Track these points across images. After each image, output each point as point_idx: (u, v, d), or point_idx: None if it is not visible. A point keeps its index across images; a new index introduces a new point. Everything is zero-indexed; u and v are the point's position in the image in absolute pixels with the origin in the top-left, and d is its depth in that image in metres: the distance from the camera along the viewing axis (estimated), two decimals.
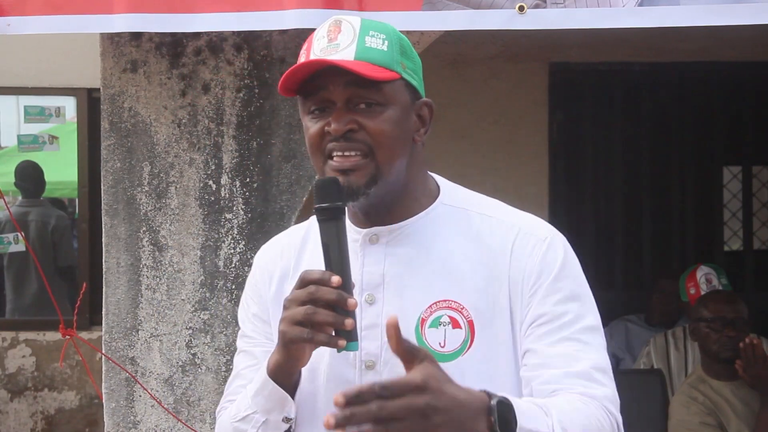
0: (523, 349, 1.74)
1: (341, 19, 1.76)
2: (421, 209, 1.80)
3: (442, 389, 1.42)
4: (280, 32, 3.36)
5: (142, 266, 3.42)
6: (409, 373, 1.44)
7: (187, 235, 3.41)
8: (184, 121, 3.41)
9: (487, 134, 6.04)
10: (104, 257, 3.44)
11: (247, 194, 3.41)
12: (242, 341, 1.91)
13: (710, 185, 6.48)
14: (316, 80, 1.72)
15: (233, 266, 3.40)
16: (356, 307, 1.62)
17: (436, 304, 1.74)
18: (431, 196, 1.83)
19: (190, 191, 3.41)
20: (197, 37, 3.38)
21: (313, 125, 1.75)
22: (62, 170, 8.00)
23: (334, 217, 1.68)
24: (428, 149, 6.32)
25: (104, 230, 3.44)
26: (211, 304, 3.40)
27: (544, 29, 3.14)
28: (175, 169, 3.42)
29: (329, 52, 1.71)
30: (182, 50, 3.41)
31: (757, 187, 6.62)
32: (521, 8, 3.10)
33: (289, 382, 1.71)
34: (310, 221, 1.90)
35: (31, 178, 7.31)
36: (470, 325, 1.74)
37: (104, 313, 3.44)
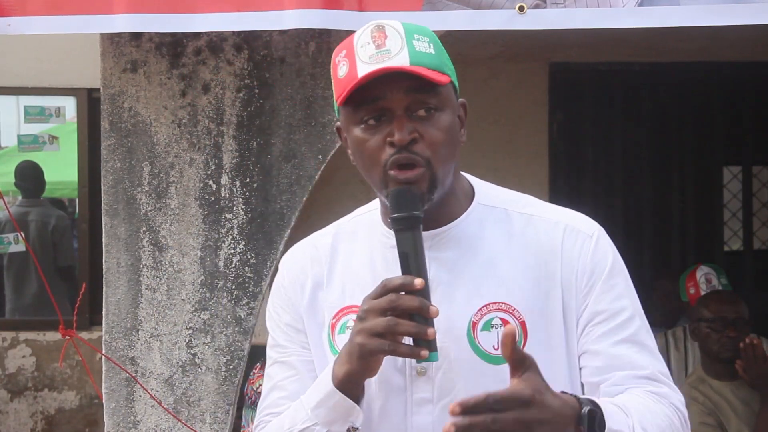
0: (581, 349, 1.75)
1: (383, 24, 1.71)
2: (461, 211, 1.79)
3: (545, 402, 1.48)
4: (280, 32, 3.36)
5: (142, 266, 3.42)
6: (516, 384, 1.48)
7: (187, 235, 3.41)
8: (184, 121, 3.41)
9: (487, 134, 6.04)
10: (104, 257, 3.44)
11: (247, 194, 3.41)
12: (275, 351, 1.86)
13: (710, 185, 6.47)
14: (371, 89, 1.67)
15: (233, 266, 3.40)
16: (437, 315, 1.60)
17: (486, 306, 1.73)
18: (468, 196, 1.81)
19: (190, 191, 3.41)
20: (197, 37, 3.38)
21: (370, 137, 1.70)
22: (62, 170, 8.00)
23: (411, 226, 1.65)
24: None
25: (104, 230, 3.44)
26: (211, 304, 3.40)
27: (544, 29, 3.14)
28: (175, 169, 3.42)
29: (381, 58, 1.66)
30: (182, 50, 3.41)
31: (757, 187, 6.62)
32: (521, 8, 3.10)
33: (357, 392, 1.68)
34: (333, 228, 1.88)
35: (31, 178, 7.31)
36: (522, 326, 1.73)
37: (104, 313, 3.44)
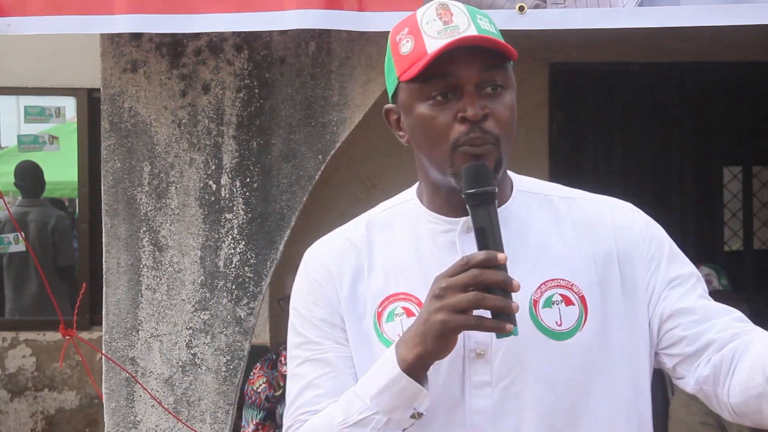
0: (665, 312, 1.75)
1: (446, 2, 1.72)
2: (507, 196, 1.79)
3: None
4: (280, 32, 3.36)
5: (142, 266, 3.42)
6: None
7: (187, 235, 3.41)
8: (184, 121, 3.41)
9: None
10: (104, 257, 3.44)
11: (247, 194, 3.41)
12: (305, 350, 1.79)
13: (710, 185, 6.47)
14: (441, 64, 1.66)
15: (233, 266, 3.40)
16: (519, 289, 1.59)
17: (545, 284, 1.72)
18: (509, 183, 1.82)
19: (190, 191, 3.41)
20: (197, 37, 3.38)
21: (438, 113, 1.69)
22: (62, 170, 8.01)
23: (487, 201, 1.64)
24: None
25: (104, 230, 3.44)
26: (211, 304, 3.40)
27: (544, 29, 3.14)
28: (175, 169, 3.42)
29: (450, 33, 1.67)
30: (182, 50, 3.41)
31: (757, 187, 6.62)
32: (521, 8, 3.10)
33: (423, 375, 1.65)
34: (363, 220, 1.85)
35: (30, 178, 7.31)
36: (582, 300, 1.73)
37: (104, 313, 3.44)
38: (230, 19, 3.16)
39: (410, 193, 1.86)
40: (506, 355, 1.69)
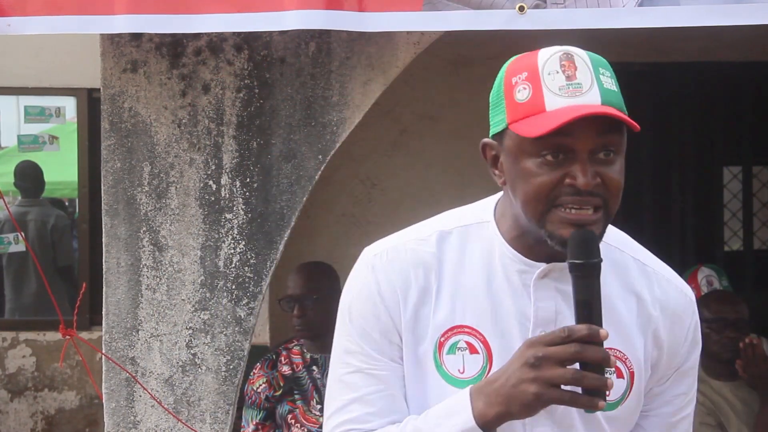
0: (649, 410, 1.81)
1: (572, 52, 1.65)
2: None
3: None
4: (280, 33, 3.36)
5: (142, 266, 3.42)
6: None
7: (187, 235, 3.41)
8: (184, 121, 3.41)
9: (487, 134, 6.03)
10: (104, 257, 3.44)
11: (247, 194, 3.41)
12: (359, 360, 1.74)
13: (710, 185, 6.47)
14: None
15: (233, 266, 3.40)
16: (615, 365, 1.59)
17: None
18: None
19: (190, 191, 3.41)
20: (197, 37, 3.38)
21: (545, 173, 1.61)
22: (62, 170, 8.01)
23: (593, 274, 1.59)
24: (428, 149, 6.33)
25: (104, 230, 3.44)
26: (211, 304, 3.40)
27: (544, 29, 3.14)
28: (175, 169, 3.42)
29: (572, 92, 1.60)
30: (182, 50, 3.41)
31: (757, 187, 6.61)
32: (521, 8, 3.10)
33: (496, 428, 1.63)
34: (433, 234, 1.77)
35: (30, 178, 7.32)
36: (631, 376, 1.74)
37: (104, 313, 3.44)
38: (230, 19, 3.15)
39: (487, 212, 1.79)
40: (564, 412, 1.70)
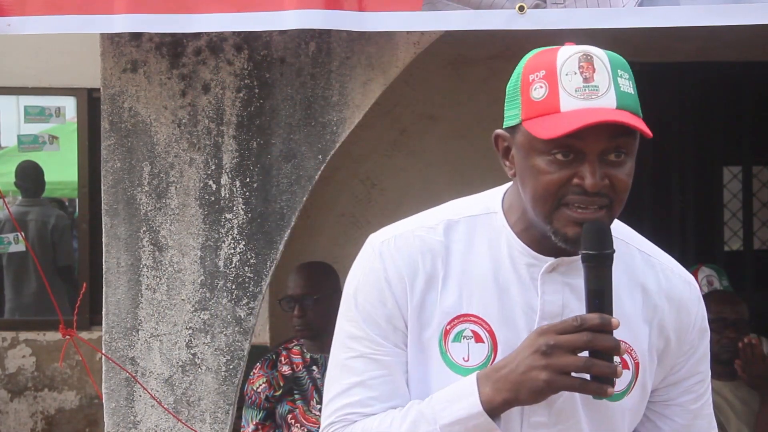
0: (669, 400, 1.84)
1: (591, 54, 1.65)
2: None
3: None
4: (280, 32, 3.36)
5: (142, 266, 3.42)
6: None
7: (187, 235, 3.41)
8: (184, 121, 3.42)
9: (487, 134, 6.00)
10: (104, 257, 3.44)
11: (247, 194, 3.41)
12: (362, 345, 1.75)
13: (710, 185, 6.47)
14: (571, 124, 1.60)
15: (233, 266, 3.40)
16: (625, 353, 1.62)
17: None
18: None
19: (190, 191, 3.41)
20: (197, 37, 3.38)
21: (554, 172, 1.62)
22: (62, 170, 8.01)
23: (605, 264, 1.61)
24: (428, 149, 6.33)
25: (104, 230, 3.44)
26: (211, 304, 3.40)
27: (544, 29, 3.14)
28: (175, 169, 3.42)
29: (588, 95, 1.61)
30: (182, 50, 3.41)
31: (757, 187, 6.62)
32: (521, 8, 3.10)
33: (500, 414, 1.65)
34: (441, 222, 1.78)
35: (30, 177, 7.32)
36: (636, 367, 1.75)
37: (104, 313, 3.44)
38: (230, 19, 3.15)
39: (495, 202, 1.80)
40: (564, 402, 1.71)
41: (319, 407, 3.65)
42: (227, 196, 3.41)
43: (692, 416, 1.84)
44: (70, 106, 6.82)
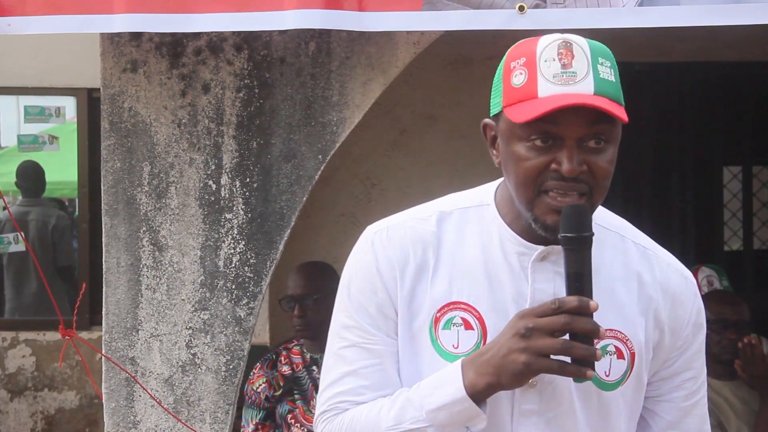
0: (660, 395, 1.83)
1: (571, 41, 1.65)
2: None
3: None
4: (280, 32, 3.36)
5: (142, 266, 3.42)
6: None
7: (187, 235, 3.41)
8: (184, 121, 3.42)
9: None
10: (104, 257, 3.44)
11: (247, 194, 3.41)
12: (354, 334, 1.77)
13: (710, 185, 6.47)
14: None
15: (233, 266, 3.40)
16: (605, 337, 1.61)
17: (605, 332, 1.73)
18: None
19: (190, 191, 3.41)
20: (197, 37, 3.38)
21: (533, 158, 1.64)
22: (62, 170, 8.01)
23: (584, 246, 1.62)
24: (428, 149, 6.33)
25: (104, 230, 3.44)
26: (211, 304, 3.40)
27: (544, 29, 3.14)
28: (175, 169, 3.42)
29: (566, 80, 1.61)
30: (182, 50, 3.41)
31: (757, 187, 6.62)
32: (521, 8, 3.10)
33: (485, 399, 1.66)
34: (433, 213, 1.80)
35: (31, 177, 7.32)
36: (632, 357, 1.76)
37: (104, 313, 3.44)
38: (230, 18, 3.15)
39: (488, 195, 1.82)
40: (555, 390, 1.71)
41: None
42: (227, 196, 3.41)
43: (682, 414, 1.85)
44: (70, 106, 6.81)
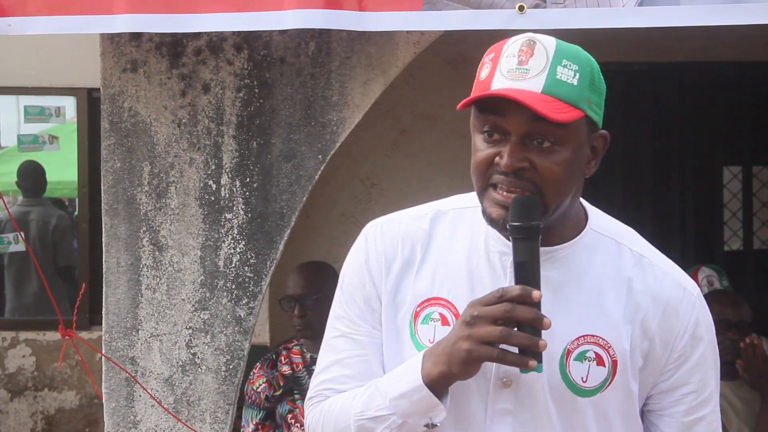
0: (661, 409, 1.79)
1: (536, 40, 1.66)
2: (574, 235, 1.77)
3: None
4: (280, 32, 3.36)
5: (142, 266, 3.42)
6: None
7: (187, 235, 3.41)
8: (184, 121, 3.42)
9: None
10: (104, 257, 3.44)
11: (247, 194, 3.41)
12: (344, 324, 1.82)
13: (710, 185, 6.47)
14: (498, 103, 1.64)
15: (233, 266, 3.40)
16: (549, 327, 1.60)
17: (584, 337, 1.72)
18: (582, 220, 1.80)
19: (190, 191, 3.41)
20: (197, 37, 3.38)
21: (483, 148, 1.67)
22: (62, 170, 8.01)
23: (531, 236, 1.63)
24: (428, 149, 6.34)
25: (104, 230, 3.44)
26: (211, 304, 3.40)
27: (544, 29, 3.14)
28: (175, 169, 3.42)
29: (516, 76, 1.63)
30: (182, 50, 3.41)
31: (757, 187, 6.61)
32: (521, 8, 3.10)
33: (445, 389, 1.67)
34: (430, 212, 1.83)
35: (31, 177, 7.32)
36: (614, 365, 1.73)
37: (104, 313, 3.44)
38: (230, 18, 3.16)
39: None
40: (530, 391, 1.71)
41: None
42: (227, 196, 3.41)
43: (683, 429, 1.80)
44: (70, 106, 6.81)
